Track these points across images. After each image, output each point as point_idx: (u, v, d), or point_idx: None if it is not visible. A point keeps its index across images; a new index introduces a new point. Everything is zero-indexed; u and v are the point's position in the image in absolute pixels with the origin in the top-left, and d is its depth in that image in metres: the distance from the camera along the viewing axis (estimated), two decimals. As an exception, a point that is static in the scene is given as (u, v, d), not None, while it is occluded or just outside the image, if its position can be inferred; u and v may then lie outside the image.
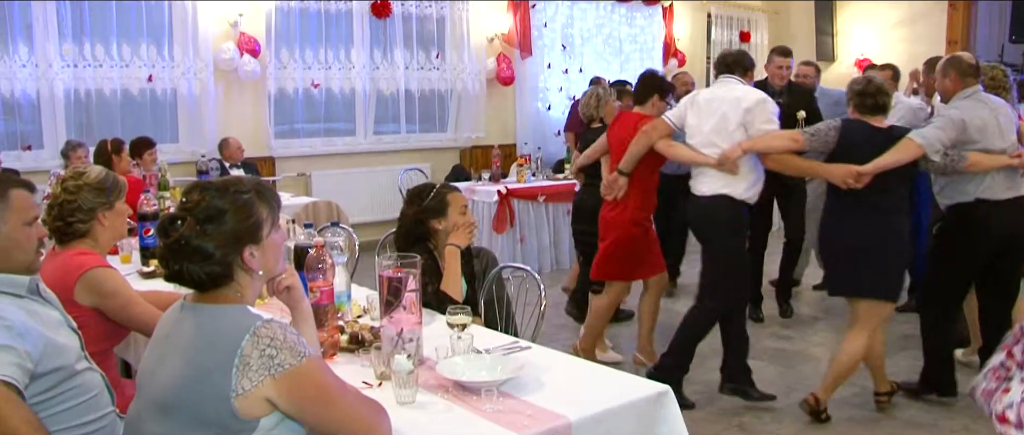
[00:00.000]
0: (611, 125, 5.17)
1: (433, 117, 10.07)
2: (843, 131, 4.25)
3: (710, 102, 4.52)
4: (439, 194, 3.56)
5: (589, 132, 5.69)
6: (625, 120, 4.99)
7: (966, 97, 4.45)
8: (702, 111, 4.52)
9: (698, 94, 4.63)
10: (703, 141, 4.51)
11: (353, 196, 8.86)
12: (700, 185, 4.56)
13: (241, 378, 1.90)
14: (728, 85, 4.58)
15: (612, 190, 4.86)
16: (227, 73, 8.32)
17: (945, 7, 11.82)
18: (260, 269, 2.11)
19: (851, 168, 4.16)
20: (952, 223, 4.58)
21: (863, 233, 4.28)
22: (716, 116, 4.47)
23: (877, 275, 4.30)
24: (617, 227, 4.92)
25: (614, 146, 4.99)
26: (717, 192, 4.48)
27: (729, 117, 4.43)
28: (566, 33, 10.83)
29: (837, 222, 4.38)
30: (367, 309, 3.36)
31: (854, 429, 4.49)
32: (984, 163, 4.35)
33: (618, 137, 4.93)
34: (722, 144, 4.43)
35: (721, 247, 4.59)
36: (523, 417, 2.28)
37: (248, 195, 2.07)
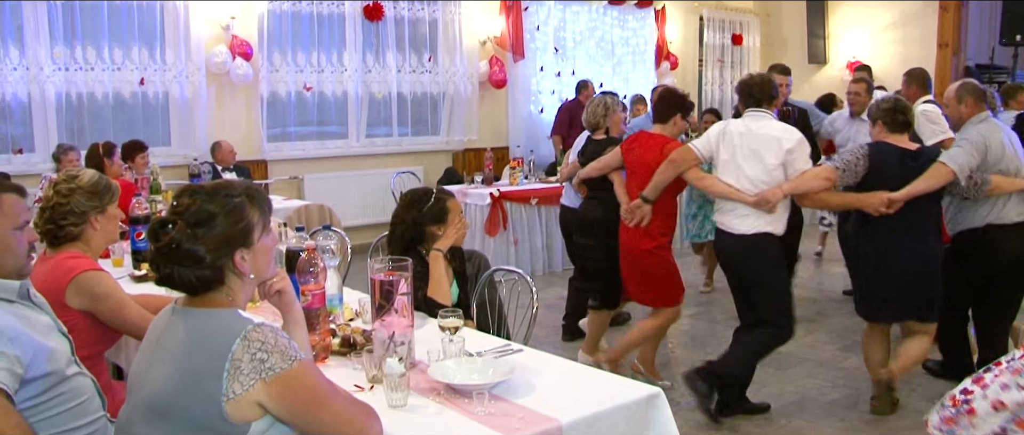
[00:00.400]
0: (629, 144, 4.89)
1: (425, 120, 10.07)
2: (871, 158, 4.27)
3: (744, 137, 4.38)
4: (439, 201, 3.55)
5: (591, 142, 5.43)
6: (647, 142, 4.76)
7: (982, 121, 4.55)
8: (735, 146, 4.39)
9: (729, 125, 4.47)
10: (736, 176, 4.38)
11: (345, 199, 8.86)
12: (736, 222, 4.40)
13: (232, 382, 1.90)
14: (761, 120, 4.43)
15: (635, 216, 4.67)
16: (219, 76, 8.31)
17: (936, 9, 11.86)
18: (251, 273, 2.11)
19: (883, 196, 4.20)
20: (963, 247, 4.67)
21: (906, 258, 4.30)
22: (751, 152, 4.35)
23: (924, 299, 4.37)
24: (648, 256, 4.71)
25: (634, 167, 4.77)
26: (759, 230, 4.36)
27: (767, 156, 4.32)
28: (558, 36, 10.85)
29: (879, 250, 4.37)
30: (359, 312, 3.36)
31: (846, 430, 4.51)
32: (1004, 186, 4.45)
33: (640, 159, 4.72)
34: (757, 180, 4.33)
35: (772, 282, 4.44)
36: (514, 420, 2.29)
37: (239, 199, 2.07)
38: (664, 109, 4.79)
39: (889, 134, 4.36)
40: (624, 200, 4.80)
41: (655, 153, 4.63)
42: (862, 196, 4.29)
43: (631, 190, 4.77)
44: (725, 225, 4.46)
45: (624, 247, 4.84)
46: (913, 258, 4.30)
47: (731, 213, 4.43)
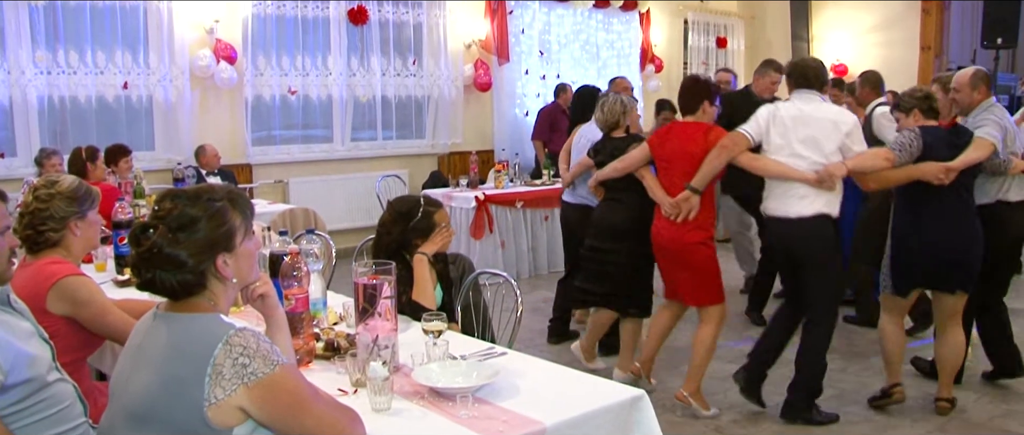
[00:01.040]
0: (661, 137, 4.69)
1: (410, 124, 10.07)
2: (924, 138, 4.40)
3: (796, 119, 4.36)
4: (427, 214, 3.56)
5: (610, 141, 5.11)
6: (684, 132, 4.58)
7: (991, 106, 4.75)
8: (788, 128, 4.36)
9: (779, 109, 4.43)
10: (791, 158, 4.36)
11: (331, 203, 8.84)
12: (795, 204, 4.35)
13: (214, 387, 1.89)
14: (813, 102, 4.43)
15: (682, 209, 4.47)
16: (203, 80, 8.28)
17: (919, 12, 11.94)
18: (234, 277, 2.10)
19: (941, 165, 4.33)
20: None
21: (954, 231, 4.46)
22: (807, 137, 4.33)
23: (967, 270, 4.50)
24: (699, 248, 4.56)
25: (673, 159, 4.56)
26: (818, 212, 4.33)
27: (823, 139, 4.32)
28: (543, 39, 10.86)
29: (926, 223, 4.47)
30: (343, 316, 3.36)
31: (830, 431, 4.53)
32: (1020, 165, 4.72)
33: (681, 150, 4.53)
34: (814, 164, 4.31)
35: (829, 266, 4.43)
36: (498, 423, 2.29)
37: (221, 203, 2.07)
38: (692, 98, 4.62)
39: (925, 120, 4.54)
40: (662, 195, 4.57)
41: (698, 142, 4.47)
42: (922, 167, 4.37)
43: (666, 184, 4.59)
44: (779, 210, 4.42)
45: (668, 244, 4.61)
46: (962, 228, 4.47)
47: (788, 196, 4.38)
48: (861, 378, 5.27)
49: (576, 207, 5.78)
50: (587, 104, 6.06)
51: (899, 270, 4.58)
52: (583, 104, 6.14)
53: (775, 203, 4.45)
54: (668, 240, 4.60)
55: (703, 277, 4.61)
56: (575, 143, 5.86)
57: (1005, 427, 4.54)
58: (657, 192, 4.62)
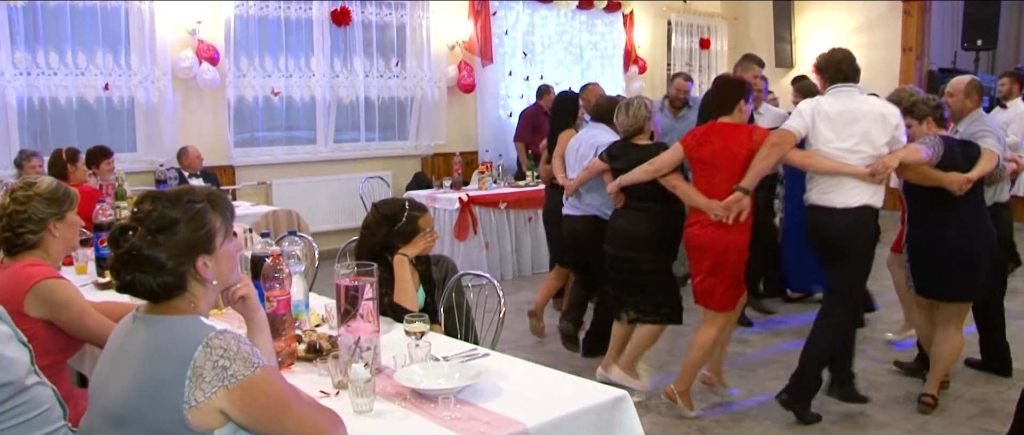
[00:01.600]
0: (700, 139, 4.53)
1: (394, 125, 10.05)
2: (945, 144, 4.47)
3: (842, 114, 4.36)
4: (412, 218, 3.56)
5: (633, 148, 4.87)
6: (726, 133, 4.46)
7: (983, 116, 4.95)
8: (834, 123, 4.36)
9: (821, 104, 4.40)
10: (844, 153, 4.34)
11: (314, 205, 8.82)
12: (843, 196, 4.35)
13: (194, 390, 1.88)
14: (856, 96, 4.44)
15: (732, 210, 4.36)
16: (186, 81, 8.24)
17: (900, 14, 12.01)
18: (214, 279, 2.09)
19: (963, 176, 4.43)
20: None
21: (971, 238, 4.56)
22: (855, 128, 4.33)
23: (984, 274, 4.60)
24: (733, 250, 4.49)
25: (716, 160, 4.44)
26: (864, 203, 4.35)
27: (875, 132, 4.33)
28: (527, 40, 10.87)
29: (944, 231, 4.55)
30: (325, 318, 3.35)
31: (812, 430, 4.54)
32: (1013, 166, 5.01)
33: (724, 151, 4.42)
34: (865, 157, 4.32)
35: (864, 258, 4.47)
36: (480, 424, 2.29)
37: (201, 204, 2.06)
38: (727, 98, 4.55)
39: (937, 128, 4.64)
40: (704, 199, 4.44)
41: (743, 142, 4.40)
42: (949, 176, 4.43)
43: (704, 186, 4.48)
44: (826, 201, 4.40)
45: (708, 245, 4.48)
46: (980, 235, 4.58)
47: (837, 188, 4.37)
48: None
49: (585, 219, 5.47)
50: (568, 110, 6.08)
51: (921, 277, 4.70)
52: (564, 110, 6.11)
53: (821, 194, 4.44)
54: (708, 239, 4.48)
55: (727, 280, 4.55)
56: (572, 149, 5.61)
57: (985, 426, 4.57)
58: (697, 197, 4.48)
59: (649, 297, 4.84)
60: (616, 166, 4.90)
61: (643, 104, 4.92)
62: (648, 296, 4.84)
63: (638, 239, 4.78)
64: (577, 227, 5.54)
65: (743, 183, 4.35)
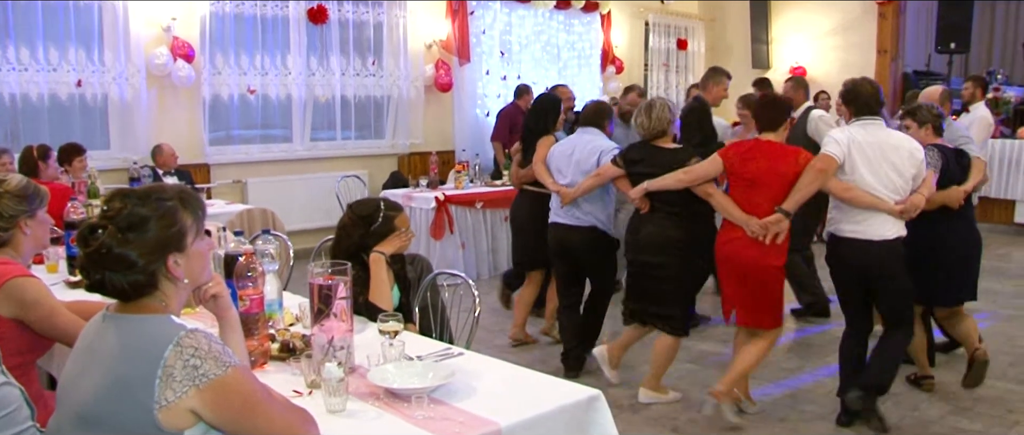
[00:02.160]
0: (744, 153, 4.45)
1: (370, 124, 10.02)
2: (943, 157, 4.67)
3: (876, 146, 4.36)
4: (388, 218, 3.56)
5: (659, 152, 4.77)
6: (772, 151, 4.41)
7: (952, 123, 5.13)
8: (867, 155, 4.36)
9: (854, 134, 4.38)
10: (878, 184, 4.35)
11: (290, 203, 8.77)
12: (877, 228, 4.36)
13: (164, 389, 1.86)
14: (883, 129, 4.44)
15: (770, 231, 4.33)
16: (160, 78, 8.17)
17: (875, 17, 12.12)
18: (185, 278, 2.07)
19: (959, 190, 4.71)
20: None
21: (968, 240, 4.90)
22: (884, 163, 4.35)
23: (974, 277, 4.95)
24: (777, 273, 4.48)
25: (761, 178, 4.38)
26: (898, 235, 4.39)
27: (905, 167, 4.36)
28: (504, 40, 10.87)
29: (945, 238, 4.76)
30: (300, 317, 3.33)
31: (789, 431, 4.57)
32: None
33: (771, 170, 4.37)
34: (898, 189, 4.36)
35: (906, 282, 4.47)
36: (454, 423, 2.28)
37: (171, 202, 2.04)
38: (775, 116, 4.51)
39: (936, 137, 4.78)
40: (742, 215, 4.39)
41: (790, 163, 4.36)
42: (951, 194, 4.70)
43: (743, 202, 4.42)
44: (860, 233, 4.39)
45: (746, 264, 4.44)
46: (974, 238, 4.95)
47: (870, 221, 4.37)
48: (817, 378, 5.33)
49: (583, 230, 5.25)
50: (549, 114, 5.83)
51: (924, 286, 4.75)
52: (545, 114, 5.85)
53: (854, 226, 4.41)
54: (747, 260, 4.43)
55: (772, 300, 4.53)
56: (563, 154, 5.37)
57: (956, 425, 4.61)
58: (734, 212, 4.42)
59: (667, 307, 4.76)
60: (639, 170, 4.77)
61: (666, 106, 4.81)
62: (666, 306, 4.76)
63: (669, 244, 4.68)
64: (572, 238, 5.30)
65: (786, 205, 4.32)
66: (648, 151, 4.79)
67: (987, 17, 15.01)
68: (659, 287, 4.74)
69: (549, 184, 5.41)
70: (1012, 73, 13.89)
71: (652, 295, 4.77)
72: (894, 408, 4.81)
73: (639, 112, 4.83)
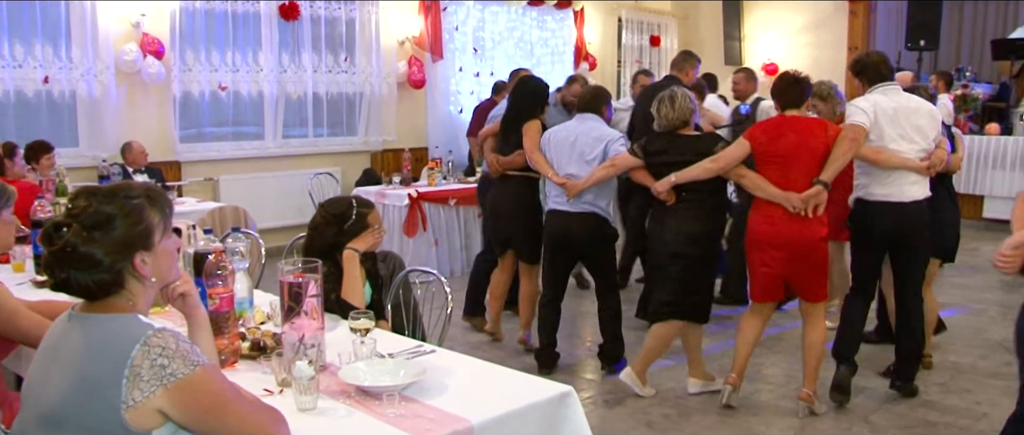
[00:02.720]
0: (772, 132, 4.51)
1: (342, 121, 9.97)
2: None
3: (897, 112, 4.58)
4: (360, 216, 3.54)
5: (681, 139, 4.73)
6: (800, 126, 4.48)
7: None
8: (892, 120, 4.57)
9: (878, 102, 4.55)
10: (905, 146, 4.58)
11: (262, 201, 8.71)
12: (909, 190, 4.60)
13: (131, 389, 1.84)
14: (903, 94, 4.68)
15: (810, 203, 4.38)
16: (130, 75, 8.09)
17: (846, 14, 12.21)
18: (153, 276, 2.05)
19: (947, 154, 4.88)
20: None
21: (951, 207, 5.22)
22: (908, 126, 4.59)
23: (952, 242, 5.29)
24: (823, 244, 4.54)
25: (791, 154, 4.43)
26: (926, 195, 4.66)
27: (927, 128, 4.64)
28: (477, 36, 10.85)
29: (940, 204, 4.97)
30: (271, 315, 3.31)
31: (759, 419, 4.60)
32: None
33: (802, 145, 4.43)
34: (922, 151, 4.62)
35: (929, 244, 4.81)
36: (425, 421, 2.27)
37: (138, 200, 2.01)
38: (798, 94, 4.58)
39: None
40: (779, 192, 4.42)
41: (820, 137, 4.44)
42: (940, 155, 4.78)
43: (777, 179, 4.45)
44: (892, 195, 4.59)
45: (790, 240, 4.46)
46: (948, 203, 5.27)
47: (902, 182, 4.59)
48: (780, 368, 5.36)
49: (584, 217, 5.13)
50: (538, 98, 5.64)
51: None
52: (534, 97, 5.63)
53: (884, 188, 4.61)
54: (791, 236, 4.46)
55: (822, 272, 4.62)
56: (563, 142, 5.18)
57: (925, 418, 4.66)
58: (771, 189, 4.45)
59: (697, 295, 4.80)
60: (663, 160, 4.70)
61: (687, 96, 4.77)
62: (697, 294, 4.79)
63: (700, 235, 4.70)
64: (573, 226, 5.16)
65: (823, 177, 4.39)
66: (672, 141, 4.73)
67: (956, 16, 15.15)
68: (690, 277, 4.72)
69: (551, 176, 5.19)
70: (980, 70, 14.05)
71: (683, 286, 4.74)
72: (865, 401, 4.86)
73: (661, 103, 4.74)
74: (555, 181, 5.16)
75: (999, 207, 10.36)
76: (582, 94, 5.50)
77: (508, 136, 5.66)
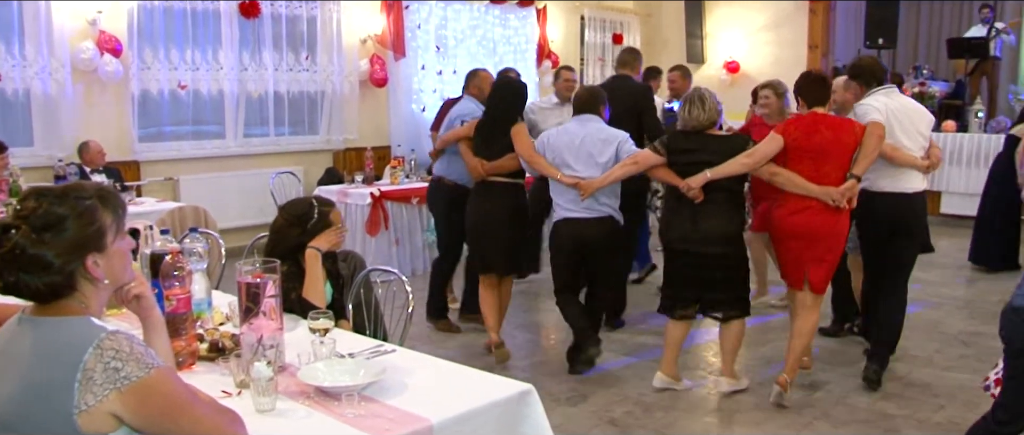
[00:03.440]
0: (806, 128, 4.62)
1: (304, 119, 9.87)
2: None
3: (901, 111, 4.93)
4: (322, 215, 3.53)
5: (712, 139, 4.78)
6: (832, 123, 4.65)
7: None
8: (899, 119, 4.89)
9: (888, 102, 4.88)
10: (909, 144, 4.94)
11: (223, 201, 8.60)
12: (911, 183, 4.98)
13: (84, 393, 1.82)
14: (903, 96, 5.13)
15: (845, 196, 4.57)
16: (86, 73, 7.95)
17: (806, 12, 12.34)
18: (105, 278, 2.02)
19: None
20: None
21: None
22: (911, 125, 4.95)
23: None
24: (844, 234, 4.76)
25: (825, 150, 4.60)
26: (924, 188, 5.08)
27: (924, 128, 5.04)
28: (440, 34, 10.81)
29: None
30: (229, 316, 3.28)
31: (721, 415, 4.63)
32: None
33: (836, 141, 4.60)
34: (921, 148, 5.00)
35: (923, 235, 5.20)
36: (384, 421, 2.27)
37: (90, 201, 1.98)
38: (825, 92, 4.79)
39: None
40: (813, 186, 4.57)
41: (850, 134, 4.64)
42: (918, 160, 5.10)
43: (811, 174, 4.60)
44: (895, 187, 4.95)
45: (819, 231, 4.65)
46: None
47: (904, 176, 4.95)
48: (740, 364, 5.40)
49: (601, 221, 5.11)
50: (519, 101, 5.58)
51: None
52: (516, 101, 5.55)
53: (889, 181, 4.94)
54: (820, 227, 4.64)
55: (836, 264, 4.84)
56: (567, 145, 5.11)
57: (884, 410, 4.72)
58: (807, 184, 4.60)
59: (737, 291, 4.86)
60: (692, 159, 4.72)
61: (714, 96, 4.83)
62: (736, 290, 4.85)
63: (734, 232, 4.79)
64: (590, 232, 5.11)
65: (855, 171, 4.60)
66: (702, 140, 4.76)
67: (913, 15, 15.45)
68: (728, 275, 4.78)
69: (558, 176, 5.09)
70: (937, 68, 14.31)
71: (722, 284, 4.78)
72: (825, 396, 4.92)
73: (693, 104, 4.76)
74: (564, 181, 5.07)
75: (957, 203, 10.55)
76: (579, 96, 5.40)
77: (493, 139, 5.45)
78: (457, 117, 5.98)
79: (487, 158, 5.45)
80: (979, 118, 11.00)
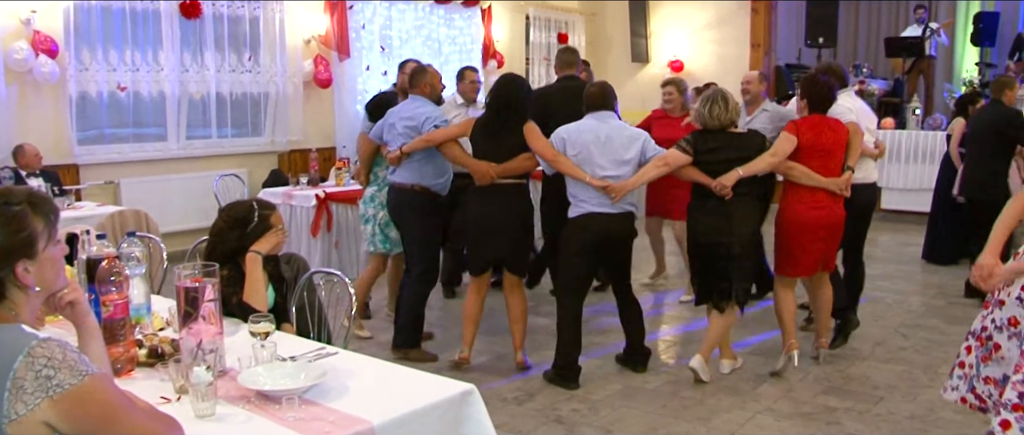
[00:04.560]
0: (812, 128, 5.07)
1: (247, 121, 9.75)
2: None
3: (859, 111, 5.62)
4: (263, 218, 3.51)
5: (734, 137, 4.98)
6: (830, 124, 5.17)
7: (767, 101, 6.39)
8: (859, 117, 5.50)
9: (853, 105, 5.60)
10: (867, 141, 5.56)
11: (165, 204, 8.49)
12: (871, 174, 5.73)
13: (14, 402, 1.79)
14: (857, 97, 5.94)
15: (845, 185, 5.14)
16: (20, 74, 7.77)
17: (748, 12, 12.51)
18: (36, 285, 1.99)
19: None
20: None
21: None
22: (867, 121, 5.71)
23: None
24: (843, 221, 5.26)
25: (831, 148, 5.13)
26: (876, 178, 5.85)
27: (869, 124, 5.75)
28: (384, 34, 10.76)
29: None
30: (170, 321, 3.24)
31: (665, 414, 4.68)
32: None
33: (836, 140, 5.15)
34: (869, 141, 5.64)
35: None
36: (325, 423, 2.26)
37: (19, 207, 1.95)
38: (829, 95, 5.23)
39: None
40: (827, 179, 5.08)
41: (843, 133, 5.19)
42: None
43: (820, 169, 5.08)
44: (863, 179, 5.52)
45: (829, 220, 5.14)
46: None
47: (867, 169, 5.61)
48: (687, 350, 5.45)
49: (624, 217, 5.05)
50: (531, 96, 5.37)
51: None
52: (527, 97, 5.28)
53: (862, 174, 5.49)
54: (833, 216, 5.16)
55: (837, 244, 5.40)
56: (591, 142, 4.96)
57: (826, 403, 4.81)
58: (818, 178, 5.07)
59: (749, 281, 5.29)
60: (719, 157, 4.88)
61: (733, 95, 5.09)
62: (749, 280, 5.26)
63: (755, 228, 5.18)
64: (616, 227, 5.04)
65: (850, 163, 5.22)
66: (726, 138, 4.95)
67: (853, 14, 15.75)
68: (747, 266, 5.08)
69: (588, 181, 4.91)
70: (876, 67, 14.60)
71: (745, 274, 5.10)
72: (770, 388, 5.00)
73: (713, 102, 4.89)
74: (596, 185, 4.91)
75: (896, 198, 10.79)
76: (591, 92, 5.19)
77: (501, 139, 5.16)
78: (426, 120, 5.44)
79: (494, 160, 5.15)
80: (916, 115, 11.26)
